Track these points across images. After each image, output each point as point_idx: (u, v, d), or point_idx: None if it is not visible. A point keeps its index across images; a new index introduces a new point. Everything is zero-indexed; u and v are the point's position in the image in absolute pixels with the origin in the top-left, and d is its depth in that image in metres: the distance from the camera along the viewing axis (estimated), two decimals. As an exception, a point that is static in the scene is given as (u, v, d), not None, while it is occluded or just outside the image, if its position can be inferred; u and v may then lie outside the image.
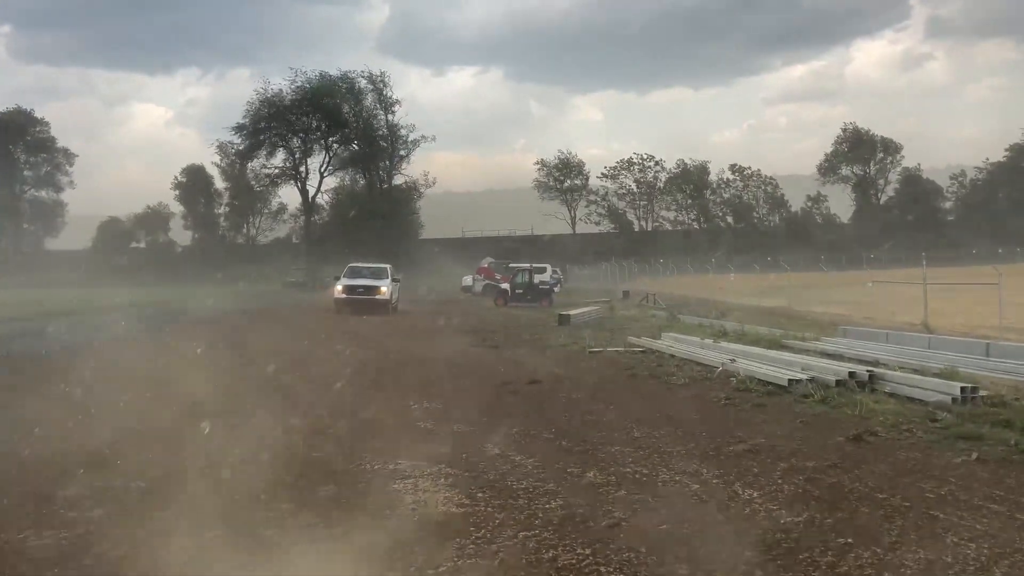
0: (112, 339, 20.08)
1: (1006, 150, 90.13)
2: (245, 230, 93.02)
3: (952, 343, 13.79)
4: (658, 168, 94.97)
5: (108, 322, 25.13)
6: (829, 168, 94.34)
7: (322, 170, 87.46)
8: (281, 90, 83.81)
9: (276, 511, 5.70)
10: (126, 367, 13.55)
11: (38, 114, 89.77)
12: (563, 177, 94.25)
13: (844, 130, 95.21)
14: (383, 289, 29.85)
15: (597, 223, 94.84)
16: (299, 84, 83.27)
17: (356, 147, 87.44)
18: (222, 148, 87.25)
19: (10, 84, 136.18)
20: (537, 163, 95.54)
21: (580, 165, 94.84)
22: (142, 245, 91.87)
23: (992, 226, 78.73)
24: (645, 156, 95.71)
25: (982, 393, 9.21)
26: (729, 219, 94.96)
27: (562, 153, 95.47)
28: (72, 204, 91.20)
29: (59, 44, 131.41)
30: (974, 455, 7.00)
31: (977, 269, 28.73)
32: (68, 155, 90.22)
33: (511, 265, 43.97)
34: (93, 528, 5.34)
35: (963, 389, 9.10)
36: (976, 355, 12.48)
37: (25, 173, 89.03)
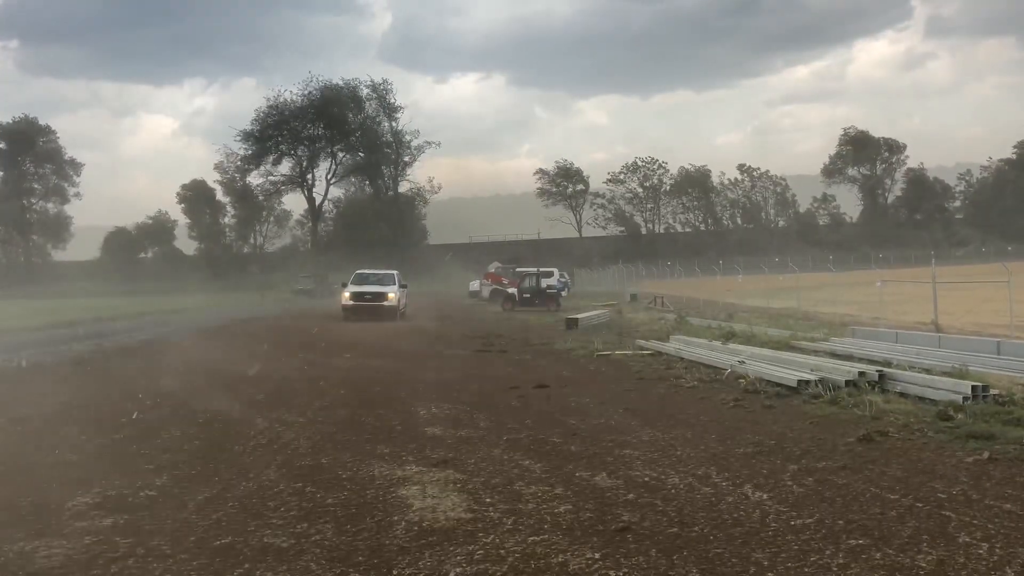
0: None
1: (1014, 147, 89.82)
2: (253, 240, 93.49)
3: (962, 342, 13.71)
4: (662, 171, 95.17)
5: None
6: (834, 170, 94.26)
7: (328, 178, 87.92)
8: (288, 99, 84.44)
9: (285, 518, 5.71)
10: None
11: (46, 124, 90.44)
12: (565, 183, 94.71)
13: (845, 132, 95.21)
14: (390, 295, 29.91)
15: (603, 227, 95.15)
16: (306, 93, 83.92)
17: (361, 155, 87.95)
18: (220, 166, 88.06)
19: (19, 97, 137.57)
20: (536, 173, 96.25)
21: (579, 172, 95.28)
22: (149, 255, 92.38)
23: (1001, 223, 78.35)
24: (649, 159, 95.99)
25: (993, 392, 9.15)
26: (737, 220, 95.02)
27: (560, 161, 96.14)
28: (79, 215, 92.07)
29: (67, 57, 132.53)
30: (986, 454, 6.95)
31: (987, 267, 28.57)
32: (75, 165, 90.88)
33: (518, 269, 44.05)
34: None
35: (974, 388, 9.04)
36: (987, 354, 12.41)
37: (34, 186, 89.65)
